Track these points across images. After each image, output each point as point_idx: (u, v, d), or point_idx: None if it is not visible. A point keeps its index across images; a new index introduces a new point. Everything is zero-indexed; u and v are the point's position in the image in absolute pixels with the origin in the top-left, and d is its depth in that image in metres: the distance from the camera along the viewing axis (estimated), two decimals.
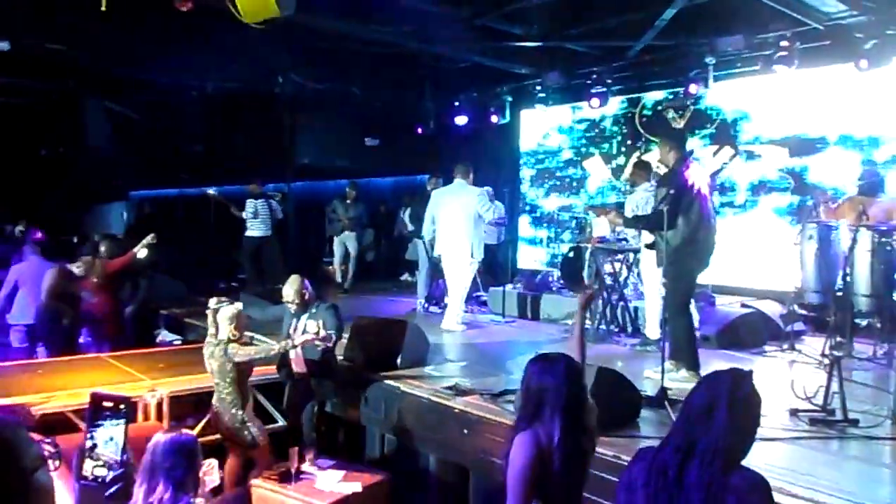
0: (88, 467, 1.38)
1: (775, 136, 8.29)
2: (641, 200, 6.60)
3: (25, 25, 7.20)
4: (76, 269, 7.15)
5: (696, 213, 5.03)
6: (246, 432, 4.69)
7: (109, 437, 1.41)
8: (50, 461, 1.29)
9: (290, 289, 5.14)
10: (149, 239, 7.75)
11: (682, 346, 5.13)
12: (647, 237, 6.01)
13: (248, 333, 5.07)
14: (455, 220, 7.35)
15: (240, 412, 4.68)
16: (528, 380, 2.65)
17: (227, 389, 4.67)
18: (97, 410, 1.42)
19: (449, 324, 7.40)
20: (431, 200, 7.77)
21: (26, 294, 6.83)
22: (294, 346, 4.83)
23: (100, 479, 1.38)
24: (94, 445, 1.40)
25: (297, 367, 5.18)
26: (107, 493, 1.39)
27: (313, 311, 5.12)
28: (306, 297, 5.16)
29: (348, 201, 10.30)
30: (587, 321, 7.05)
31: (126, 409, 1.43)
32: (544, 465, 2.47)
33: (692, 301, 5.47)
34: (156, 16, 7.17)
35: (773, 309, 7.06)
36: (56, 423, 4.55)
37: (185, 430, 2.80)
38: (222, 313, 4.70)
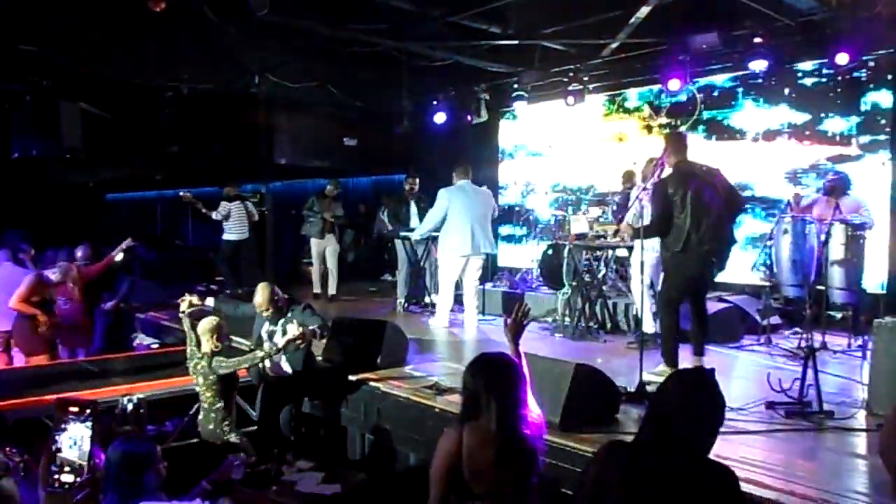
0: (54, 473, 1.35)
1: (752, 129, 8.36)
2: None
3: None
4: (52, 275, 7.07)
5: (687, 217, 4.94)
6: (231, 440, 4.73)
7: (73, 442, 1.39)
8: (16, 469, 1.26)
9: (261, 297, 5.12)
10: (126, 244, 7.69)
11: (664, 343, 5.20)
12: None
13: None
14: (483, 219, 7.46)
15: (224, 422, 4.75)
16: (464, 381, 2.74)
17: (211, 400, 4.73)
18: (62, 415, 1.39)
19: (471, 322, 7.54)
20: (447, 202, 7.44)
21: (2, 301, 6.72)
22: (279, 350, 4.82)
23: (66, 485, 1.35)
24: (59, 450, 1.38)
25: (278, 369, 5.16)
26: (75, 500, 1.36)
27: (289, 315, 5.10)
28: (279, 303, 5.15)
29: (329, 199, 9.57)
30: (566, 318, 7.12)
31: (92, 414, 1.40)
32: (474, 459, 2.56)
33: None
34: (130, 16, 7.09)
35: (749, 303, 7.13)
36: (31, 430, 4.49)
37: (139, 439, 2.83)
38: (202, 327, 4.73)
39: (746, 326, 6.86)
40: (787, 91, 8.00)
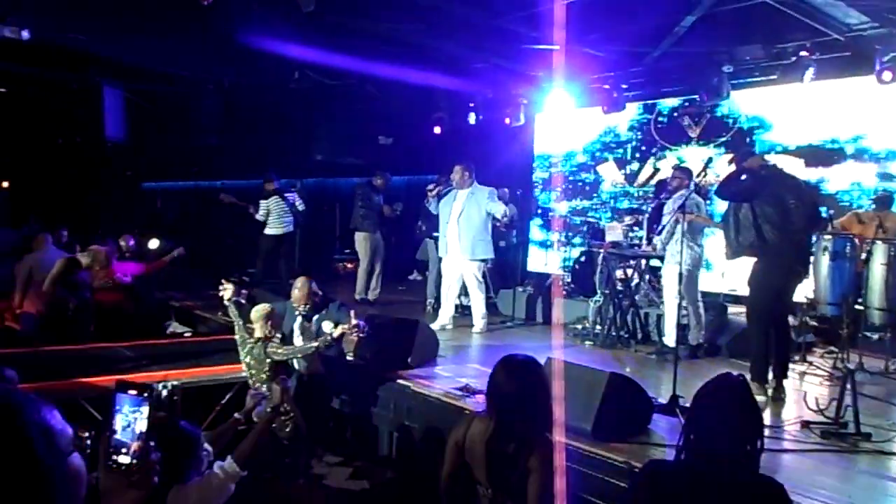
0: (111, 454, 1.38)
1: (791, 145, 8.26)
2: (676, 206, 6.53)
3: (46, 15, 7.23)
4: (83, 258, 7.22)
5: (771, 221, 4.87)
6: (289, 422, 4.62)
7: (128, 424, 1.41)
8: (82, 447, 1.29)
9: (301, 292, 5.15)
10: (178, 252, 7.83)
11: (752, 357, 5.09)
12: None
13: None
14: (467, 221, 7.29)
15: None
16: (491, 375, 2.84)
17: (263, 385, 4.68)
18: (120, 397, 1.42)
19: (477, 326, 7.49)
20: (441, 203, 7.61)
21: (39, 284, 6.85)
22: (334, 341, 4.81)
23: (122, 466, 1.38)
24: (115, 431, 1.40)
25: (311, 366, 5.19)
26: (130, 480, 1.39)
27: (324, 312, 5.13)
28: (316, 298, 5.17)
29: (377, 192, 8.96)
30: (597, 326, 7.08)
31: (148, 396, 1.43)
32: (472, 449, 2.75)
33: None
34: (176, 8, 7.21)
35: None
36: (73, 413, 4.56)
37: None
38: (255, 313, 4.73)
39: None
40: (829, 105, 7.88)
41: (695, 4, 6.69)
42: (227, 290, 4.89)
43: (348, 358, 5.69)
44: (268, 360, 4.67)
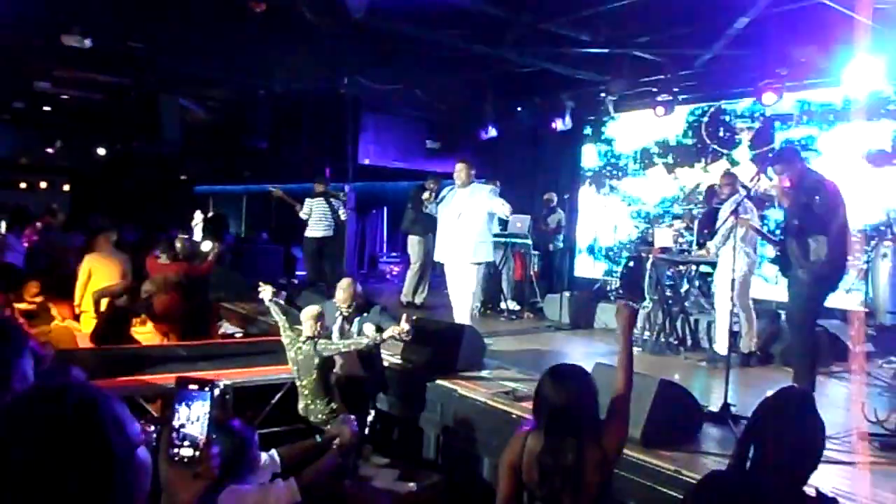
0: (175, 447, 1.43)
1: (845, 149, 8.02)
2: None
3: (106, 24, 7.49)
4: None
5: (836, 228, 4.67)
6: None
7: (196, 417, 1.46)
8: (150, 441, 1.34)
9: (344, 293, 5.21)
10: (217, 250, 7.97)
11: (799, 367, 4.92)
12: (770, 251, 5.84)
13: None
14: (463, 223, 6.64)
15: (331, 403, 4.76)
16: (538, 386, 2.73)
17: (312, 383, 4.75)
18: (182, 392, 1.47)
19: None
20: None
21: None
22: (383, 340, 4.86)
23: (185, 459, 1.43)
24: (182, 425, 1.45)
25: (351, 369, 5.24)
26: (194, 472, 1.44)
27: (365, 314, 5.19)
28: (359, 300, 5.22)
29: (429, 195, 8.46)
30: (646, 332, 7.00)
31: (210, 390, 1.47)
32: (530, 466, 2.59)
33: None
34: (229, 16, 7.39)
35: (840, 328, 6.84)
36: (131, 410, 4.69)
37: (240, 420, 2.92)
38: (306, 313, 4.79)
39: (837, 352, 6.57)
40: (888, 109, 7.65)
41: (749, 6, 6.56)
42: (265, 292, 4.98)
43: (395, 360, 5.73)
44: (315, 359, 4.71)
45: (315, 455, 3.39)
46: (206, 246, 9.16)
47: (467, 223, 6.52)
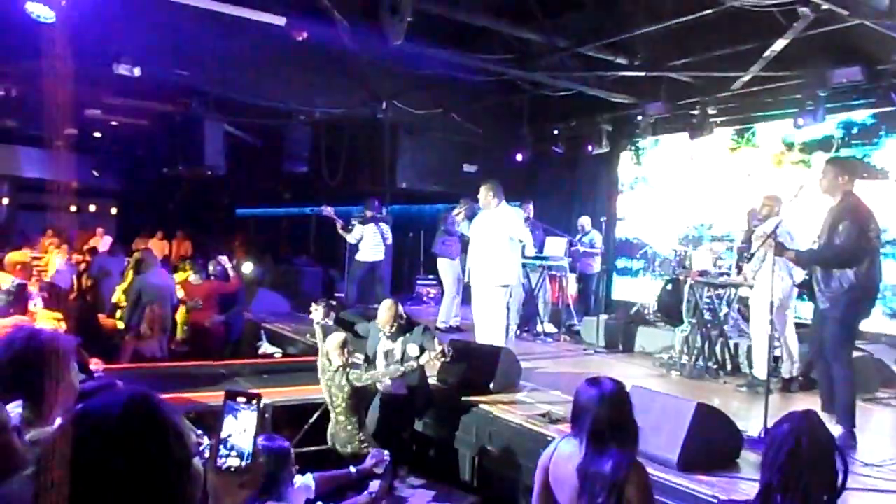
0: (222, 457, 1.49)
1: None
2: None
3: (153, 53, 7.78)
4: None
5: (872, 250, 4.58)
6: (365, 449, 4.68)
7: (243, 429, 1.52)
8: (201, 452, 1.41)
9: (387, 314, 5.26)
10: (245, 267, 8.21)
11: (838, 399, 4.62)
12: (800, 274, 5.73)
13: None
14: (487, 245, 6.72)
15: (360, 433, 4.83)
16: (574, 397, 2.77)
17: (345, 413, 4.83)
18: (230, 404, 1.53)
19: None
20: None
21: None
22: (420, 366, 4.92)
23: (232, 468, 1.49)
24: (230, 435, 1.51)
25: (395, 388, 5.28)
26: (241, 481, 1.50)
27: (408, 335, 5.23)
28: (401, 321, 5.28)
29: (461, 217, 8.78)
30: (684, 356, 6.90)
31: (257, 403, 1.54)
32: (558, 468, 2.65)
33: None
34: (272, 45, 7.61)
35: (887, 353, 6.68)
36: None
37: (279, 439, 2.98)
38: (330, 343, 4.87)
39: (883, 378, 6.42)
40: None
41: (786, 27, 6.53)
42: (317, 312, 5.06)
43: (432, 381, 5.77)
44: (346, 387, 4.79)
45: (349, 487, 3.45)
46: (248, 268, 9.39)
47: (490, 245, 6.59)
